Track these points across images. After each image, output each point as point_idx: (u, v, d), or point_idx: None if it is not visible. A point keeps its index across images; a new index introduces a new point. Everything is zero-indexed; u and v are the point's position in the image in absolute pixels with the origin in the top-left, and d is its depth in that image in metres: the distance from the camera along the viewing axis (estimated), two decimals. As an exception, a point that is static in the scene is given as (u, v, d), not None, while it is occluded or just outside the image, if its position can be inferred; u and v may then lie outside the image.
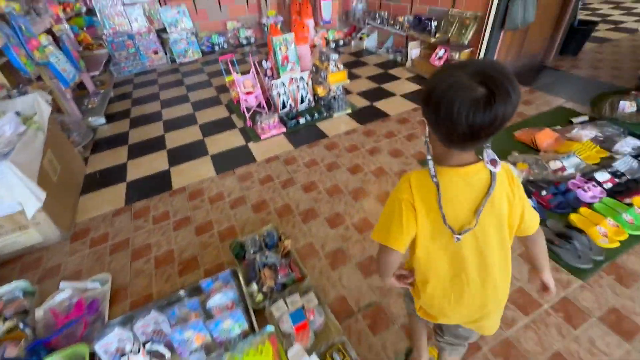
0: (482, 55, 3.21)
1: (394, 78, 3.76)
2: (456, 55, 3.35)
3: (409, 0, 4.00)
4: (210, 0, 5.45)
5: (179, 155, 2.74)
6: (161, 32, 5.21)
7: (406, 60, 3.97)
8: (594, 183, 1.88)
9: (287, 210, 2.05)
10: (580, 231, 1.63)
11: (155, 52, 5.20)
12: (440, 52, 3.49)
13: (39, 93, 2.21)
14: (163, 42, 5.25)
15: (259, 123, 2.89)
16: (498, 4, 2.92)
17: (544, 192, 1.85)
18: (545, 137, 2.29)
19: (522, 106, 2.91)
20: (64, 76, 3.03)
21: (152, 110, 3.62)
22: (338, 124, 2.94)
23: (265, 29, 5.58)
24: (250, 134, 2.91)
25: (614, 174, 1.92)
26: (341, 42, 5.03)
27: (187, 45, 5.23)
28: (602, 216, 1.71)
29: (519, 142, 2.41)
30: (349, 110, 3.10)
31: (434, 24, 3.49)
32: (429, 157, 0.69)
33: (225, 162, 2.59)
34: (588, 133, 2.29)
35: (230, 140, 2.88)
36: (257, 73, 3.08)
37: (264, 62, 3.24)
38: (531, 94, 3.10)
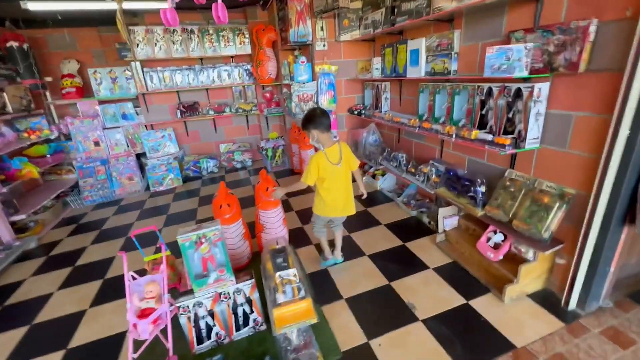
0: (588, 258, 1.67)
1: (416, 266, 2.27)
2: (529, 254, 1.84)
3: (437, 141, 2.77)
4: (204, 122, 4.82)
5: None
6: (142, 156, 4.50)
7: (436, 227, 2.53)
8: None
9: None
10: None
11: (130, 179, 4.40)
12: (497, 237, 2.01)
13: None
14: (142, 167, 4.51)
15: (129, 396, 1.45)
16: (615, 183, 1.50)
17: None
18: None
19: None
20: None
21: (42, 293, 2.40)
22: (285, 417, 1.40)
23: (265, 153, 4.69)
24: (113, 415, 1.46)
25: None
26: (349, 178, 3.85)
27: (165, 172, 4.39)
28: None
29: None
30: (319, 367, 1.58)
31: (481, 188, 2.12)
32: (320, 146, 1.99)
33: None
34: None
35: None
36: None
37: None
38: None
